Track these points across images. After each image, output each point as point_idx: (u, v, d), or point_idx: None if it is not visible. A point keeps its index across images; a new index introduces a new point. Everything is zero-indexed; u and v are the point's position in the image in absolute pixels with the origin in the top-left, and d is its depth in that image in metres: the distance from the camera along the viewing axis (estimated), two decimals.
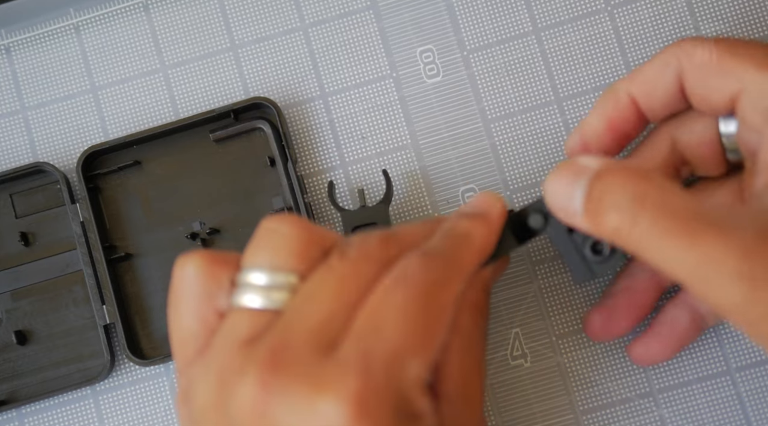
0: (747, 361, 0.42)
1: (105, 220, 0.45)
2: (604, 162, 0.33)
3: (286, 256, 0.33)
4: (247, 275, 0.33)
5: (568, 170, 0.34)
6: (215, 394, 0.31)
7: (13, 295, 0.45)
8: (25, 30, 0.46)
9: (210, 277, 0.34)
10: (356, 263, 0.32)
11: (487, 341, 0.42)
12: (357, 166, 0.45)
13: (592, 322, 0.41)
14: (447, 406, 0.33)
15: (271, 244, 0.33)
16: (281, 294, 0.32)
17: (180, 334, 0.34)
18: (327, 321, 0.31)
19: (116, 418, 0.44)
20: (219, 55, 0.46)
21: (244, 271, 0.33)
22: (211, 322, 0.33)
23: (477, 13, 0.45)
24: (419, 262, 0.32)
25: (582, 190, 0.33)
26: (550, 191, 0.35)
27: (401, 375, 0.30)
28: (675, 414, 0.42)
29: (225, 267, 0.34)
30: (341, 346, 0.30)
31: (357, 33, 0.46)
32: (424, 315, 0.31)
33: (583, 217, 0.33)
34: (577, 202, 0.33)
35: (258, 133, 0.45)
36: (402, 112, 0.45)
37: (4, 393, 0.44)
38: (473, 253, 0.35)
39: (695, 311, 0.40)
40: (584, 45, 0.45)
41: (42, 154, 0.46)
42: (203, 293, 0.33)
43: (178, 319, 0.34)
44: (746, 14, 0.44)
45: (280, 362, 0.30)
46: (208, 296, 0.33)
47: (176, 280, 0.34)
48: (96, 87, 0.46)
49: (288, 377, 0.30)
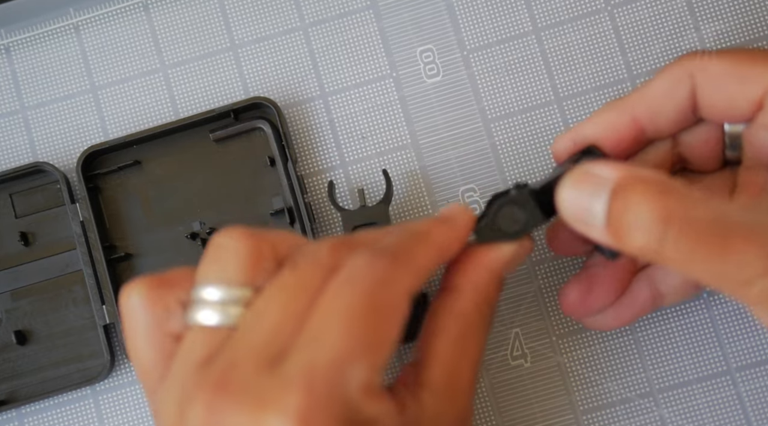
0: (747, 361, 0.42)
1: (105, 220, 0.45)
2: (621, 173, 0.33)
3: (238, 270, 0.32)
4: (201, 291, 0.32)
5: (585, 182, 0.33)
6: (175, 420, 0.31)
7: (13, 295, 0.45)
8: (25, 30, 0.46)
9: (155, 303, 0.33)
10: (304, 272, 0.32)
11: (491, 331, 0.41)
12: (357, 166, 0.45)
13: (569, 296, 0.39)
14: (428, 395, 0.33)
15: (222, 258, 0.32)
16: (236, 309, 0.32)
17: (140, 365, 0.34)
18: (273, 336, 0.31)
19: (116, 418, 0.44)
20: (219, 55, 0.46)
21: (198, 288, 0.33)
22: (166, 347, 0.33)
23: (477, 13, 0.45)
24: (364, 262, 0.32)
25: (602, 205, 0.32)
26: (567, 203, 0.34)
27: (346, 383, 0.30)
28: (675, 414, 0.42)
29: (169, 289, 0.33)
30: (286, 361, 0.30)
31: (357, 33, 0.46)
32: (368, 316, 0.30)
33: (606, 233, 0.33)
34: (597, 217, 0.33)
35: (258, 133, 0.45)
36: (402, 112, 0.45)
37: (3, 393, 0.44)
38: (429, 250, 0.34)
39: (655, 289, 0.40)
40: (584, 45, 0.45)
41: (42, 154, 0.46)
42: (152, 321, 0.33)
43: (134, 351, 0.34)
44: (746, 14, 0.44)
45: (226, 383, 0.30)
46: (157, 323, 0.33)
47: (124, 311, 0.34)
48: (96, 87, 0.46)
49: (233, 398, 0.29)
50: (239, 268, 0.32)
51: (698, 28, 0.44)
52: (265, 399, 0.29)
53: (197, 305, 0.32)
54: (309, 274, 0.32)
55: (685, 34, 0.44)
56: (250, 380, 0.30)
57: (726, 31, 0.44)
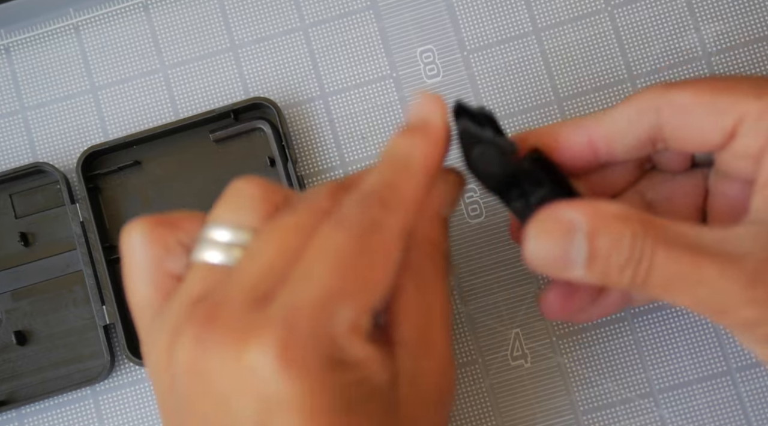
0: (747, 361, 0.42)
1: (105, 220, 0.45)
2: (590, 214, 0.32)
3: (251, 215, 0.33)
4: (211, 232, 0.33)
5: (556, 230, 0.33)
6: (164, 355, 0.31)
7: (13, 296, 0.45)
8: (25, 30, 0.46)
9: (156, 242, 0.33)
10: (301, 215, 0.32)
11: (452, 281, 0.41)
12: (357, 166, 0.45)
13: (549, 300, 0.39)
14: (403, 352, 0.32)
15: (237, 202, 0.33)
16: (240, 251, 0.32)
17: (136, 302, 0.34)
18: (264, 275, 0.31)
19: (116, 418, 0.44)
20: (219, 55, 0.46)
21: (208, 228, 0.33)
22: (165, 286, 0.33)
23: (477, 13, 0.45)
24: (355, 203, 0.32)
25: (581, 251, 0.32)
26: (538, 253, 0.33)
27: (331, 322, 0.30)
28: (675, 414, 0.42)
29: (171, 229, 0.34)
30: (274, 299, 0.30)
31: (357, 33, 0.46)
32: (359, 257, 0.30)
33: (589, 276, 0.33)
34: (576, 262, 0.33)
35: (258, 133, 0.45)
36: (402, 112, 0.45)
37: (3, 393, 0.44)
38: (415, 179, 0.33)
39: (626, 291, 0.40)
40: (584, 45, 0.45)
41: (42, 154, 0.46)
42: (152, 258, 0.33)
43: (132, 288, 0.34)
44: (746, 14, 0.44)
45: (214, 318, 0.30)
46: (157, 261, 0.33)
47: (124, 249, 0.34)
48: (96, 87, 0.46)
49: (218, 332, 0.30)
50: (252, 214, 0.33)
51: (698, 28, 0.44)
52: (248, 334, 0.29)
53: (205, 244, 0.33)
54: (304, 217, 0.32)
55: (685, 34, 0.44)
56: (237, 316, 0.30)
57: (726, 31, 0.44)
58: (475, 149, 0.35)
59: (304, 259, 0.31)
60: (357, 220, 0.31)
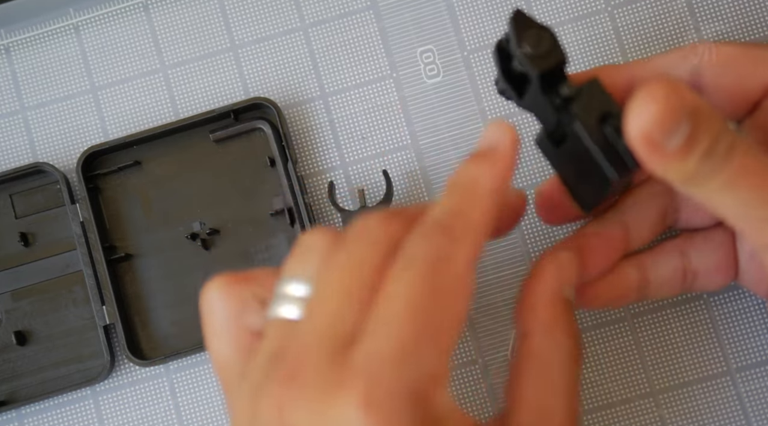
0: (747, 361, 0.42)
1: (105, 220, 0.45)
2: (704, 104, 0.31)
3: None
4: (286, 286, 0.32)
5: (675, 98, 0.30)
6: (248, 414, 0.31)
7: (13, 296, 0.45)
8: (25, 30, 0.46)
9: (234, 297, 0.33)
10: (356, 252, 0.31)
11: (581, 371, 0.35)
12: (357, 166, 0.45)
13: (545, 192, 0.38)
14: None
15: (308, 255, 0.32)
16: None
17: (216, 358, 0.34)
18: (336, 321, 0.30)
19: (116, 418, 0.44)
20: (219, 55, 0.46)
21: (283, 283, 0.33)
22: (243, 341, 0.33)
23: (477, 13, 0.45)
24: (421, 239, 0.31)
25: (686, 127, 0.30)
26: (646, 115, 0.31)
27: (413, 369, 0.29)
28: (675, 414, 0.42)
29: (247, 284, 0.33)
30: (354, 349, 0.29)
31: (357, 33, 0.46)
32: (432, 299, 0.30)
33: (674, 156, 0.31)
34: (676, 139, 0.30)
35: (258, 133, 0.45)
36: (402, 112, 0.45)
37: (3, 393, 0.44)
38: (482, 203, 0.31)
39: (644, 275, 0.39)
40: (584, 45, 0.45)
41: (42, 154, 0.46)
42: (231, 314, 0.33)
43: (214, 349, 0.34)
44: (746, 14, 0.44)
45: (294, 376, 0.30)
46: (234, 316, 0.33)
47: (204, 307, 0.34)
48: (96, 87, 0.46)
49: (301, 389, 0.29)
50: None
51: (698, 28, 0.44)
52: (332, 389, 0.29)
53: (280, 300, 0.32)
54: (363, 252, 0.31)
55: (685, 34, 0.44)
56: (318, 371, 0.29)
57: (726, 32, 0.44)
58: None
59: (378, 304, 0.30)
60: (423, 256, 0.30)
